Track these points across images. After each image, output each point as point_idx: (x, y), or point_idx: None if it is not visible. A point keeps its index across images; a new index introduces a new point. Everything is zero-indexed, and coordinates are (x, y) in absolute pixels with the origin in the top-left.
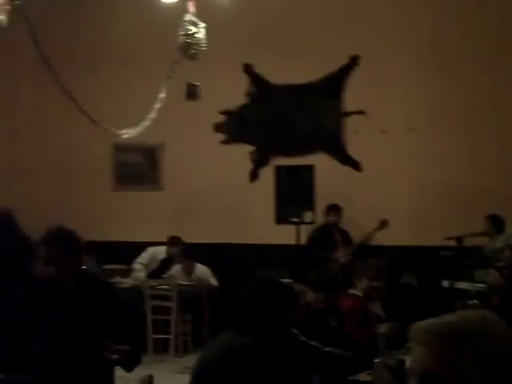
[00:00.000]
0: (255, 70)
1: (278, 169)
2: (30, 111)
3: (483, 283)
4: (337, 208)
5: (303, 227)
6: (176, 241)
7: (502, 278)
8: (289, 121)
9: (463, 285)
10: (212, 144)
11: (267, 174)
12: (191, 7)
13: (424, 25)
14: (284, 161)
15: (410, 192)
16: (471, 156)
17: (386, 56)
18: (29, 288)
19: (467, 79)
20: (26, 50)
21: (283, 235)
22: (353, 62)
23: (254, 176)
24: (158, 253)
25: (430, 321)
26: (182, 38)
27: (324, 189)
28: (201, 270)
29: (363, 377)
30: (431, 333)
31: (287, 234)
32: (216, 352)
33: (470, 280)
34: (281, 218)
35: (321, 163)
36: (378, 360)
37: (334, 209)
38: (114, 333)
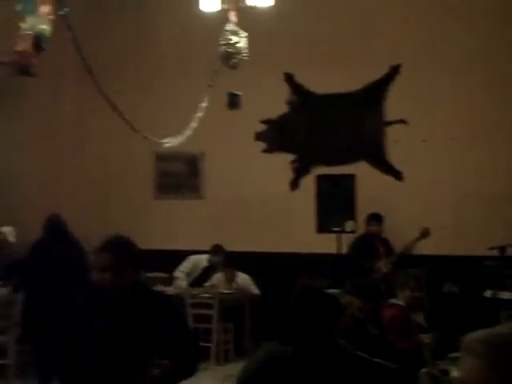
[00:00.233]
0: (296, 80)
1: (319, 178)
2: (73, 121)
3: None
4: (379, 217)
5: (344, 236)
6: (218, 249)
7: None
8: (330, 130)
9: (506, 295)
10: (253, 153)
11: (308, 183)
12: (232, 17)
13: (466, 33)
14: (325, 170)
15: (452, 201)
16: None
17: (428, 64)
18: (85, 294)
19: (511, 88)
20: (70, 60)
21: (324, 244)
22: (394, 71)
23: (295, 185)
24: (200, 261)
25: (483, 332)
26: (224, 48)
27: (365, 198)
28: (242, 279)
29: None
30: (485, 343)
31: (328, 243)
32: (260, 361)
33: None
34: (322, 227)
35: (362, 172)
36: (424, 371)
37: (376, 218)
38: (166, 348)
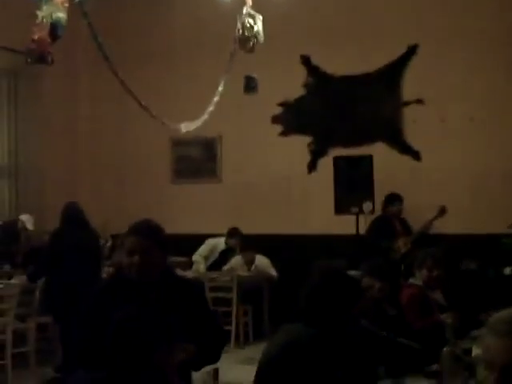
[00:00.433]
0: (312, 62)
1: (337, 159)
2: (90, 106)
3: None
4: (399, 197)
5: (362, 217)
6: (235, 232)
7: None
8: (346, 111)
9: None
10: (270, 136)
11: (326, 165)
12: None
13: (483, 11)
14: (342, 151)
15: (470, 180)
16: None
17: (445, 44)
18: (109, 280)
19: None
20: (86, 46)
21: (342, 225)
22: (411, 51)
23: (313, 167)
24: (218, 244)
25: (508, 311)
26: (240, 31)
27: (383, 178)
28: (261, 261)
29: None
30: (510, 323)
31: (347, 225)
32: (283, 344)
33: None
34: (340, 209)
35: (379, 153)
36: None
37: (396, 198)
38: (192, 333)
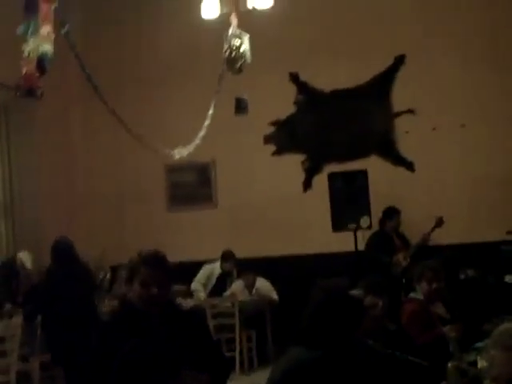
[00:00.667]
0: (301, 78)
1: (331, 176)
2: (83, 138)
3: None
4: (396, 211)
5: (360, 233)
6: (229, 255)
7: None
8: (338, 126)
9: None
10: (263, 156)
11: (321, 182)
12: (234, 20)
13: (470, 20)
14: (337, 167)
15: (465, 189)
16: None
17: (432, 53)
18: (117, 314)
19: None
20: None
21: (341, 242)
22: (398, 62)
23: (308, 185)
24: (214, 269)
25: (511, 324)
26: (227, 52)
27: (378, 192)
28: (262, 284)
29: None
30: None
31: (345, 241)
32: (287, 367)
33: None
34: (337, 226)
35: (374, 166)
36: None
37: (395, 212)
38: (197, 363)
